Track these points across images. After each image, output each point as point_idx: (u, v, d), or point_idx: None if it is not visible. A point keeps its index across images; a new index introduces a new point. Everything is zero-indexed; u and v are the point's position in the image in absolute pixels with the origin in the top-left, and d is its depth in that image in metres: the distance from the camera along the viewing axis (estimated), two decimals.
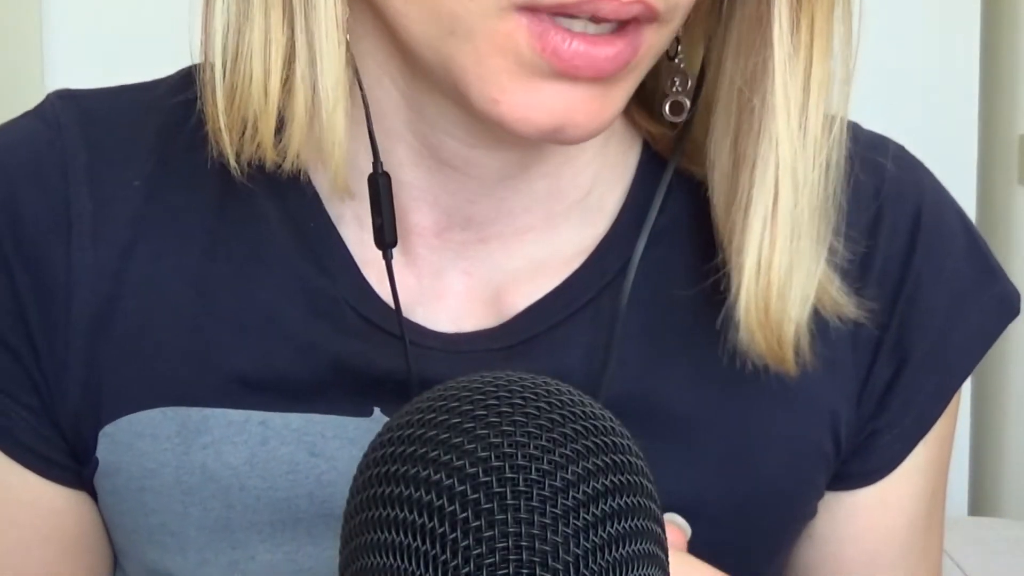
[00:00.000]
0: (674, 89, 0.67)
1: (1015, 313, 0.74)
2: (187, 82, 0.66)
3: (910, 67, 2.02)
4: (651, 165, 0.70)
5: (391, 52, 0.63)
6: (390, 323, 0.66)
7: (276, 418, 0.65)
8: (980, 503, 2.19)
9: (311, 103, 0.61)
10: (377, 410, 0.64)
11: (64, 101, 0.69)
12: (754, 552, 0.70)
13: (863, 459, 0.72)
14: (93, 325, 0.66)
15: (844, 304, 0.67)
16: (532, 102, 0.57)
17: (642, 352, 0.66)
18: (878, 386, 0.71)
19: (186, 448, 0.65)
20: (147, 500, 0.66)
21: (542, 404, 0.46)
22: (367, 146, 0.64)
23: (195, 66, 0.64)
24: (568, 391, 0.48)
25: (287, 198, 0.67)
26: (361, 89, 0.63)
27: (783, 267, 0.63)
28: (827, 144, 0.63)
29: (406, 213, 0.66)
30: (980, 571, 1.63)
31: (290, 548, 0.66)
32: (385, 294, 0.66)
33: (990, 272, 0.74)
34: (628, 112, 0.70)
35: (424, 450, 0.45)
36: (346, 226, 0.67)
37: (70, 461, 0.68)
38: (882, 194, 0.71)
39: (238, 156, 0.63)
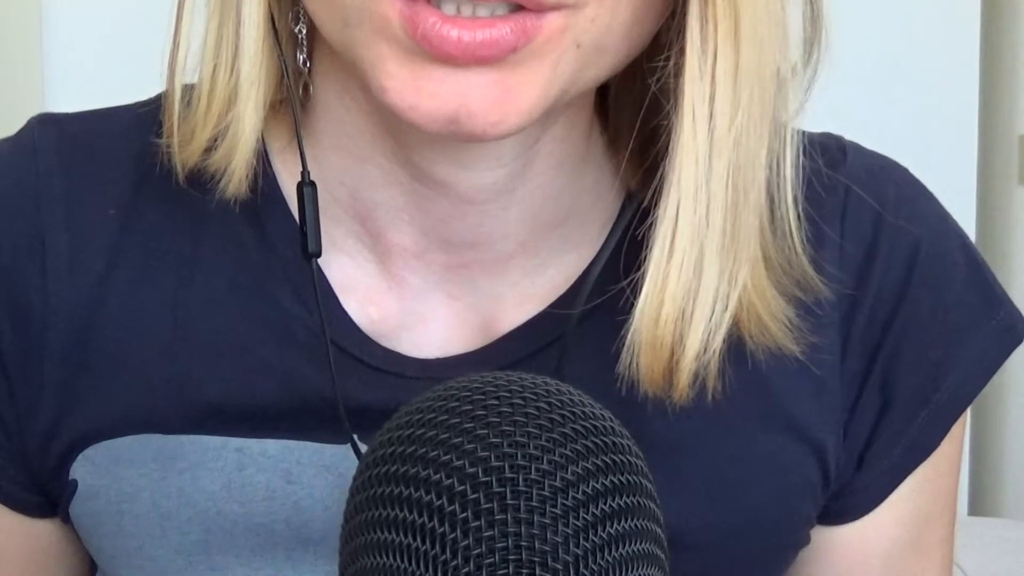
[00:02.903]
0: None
1: (1017, 342, 0.72)
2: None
3: (910, 67, 2.02)
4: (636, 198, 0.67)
5: (350, 71, 0.61)
6: (368, 354, 0.65)
7: (253, 445, 0.65)
8: (980, 503, 2.19)
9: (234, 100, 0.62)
10: (355, 437, 0.63)
11: (44, 126, 0.69)
12: None
13: (852, 496, 0.70)
14: (69, 354, 0.65)
15: (779, 336, 0.64)
16: (417, 87, 0.54)
17: None
18: (866, 419, 0.69)
19: (163, 473, 0.65)
20: (125, 524, 0.66)
21: (542, 404, 0.46)
22: (336, 167, 0.64)
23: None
24: (568, 391, 0.48)
25: (265, 225, 0.66)
26: (292, 101, 0.63)
27: (681, 286, 0.59)
28: (734, 152, 0.58)
29: (384, 233, 0.65)
30: (980, 571, 1.63)
31: (269, 572, 0.65)
32: (364, 322, 0.66)
33: (992, 302, 0.71)
34: (614, 147, 0.68)
35: (424, 450, 0.45)
36: (324, 252, 0.65)
37: (30, 494, 0.69)
38: (880, 223, 0.68)
39: (188, 168, 0.63)
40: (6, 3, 1.89)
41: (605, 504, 0.45)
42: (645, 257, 0.60)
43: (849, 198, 0.68)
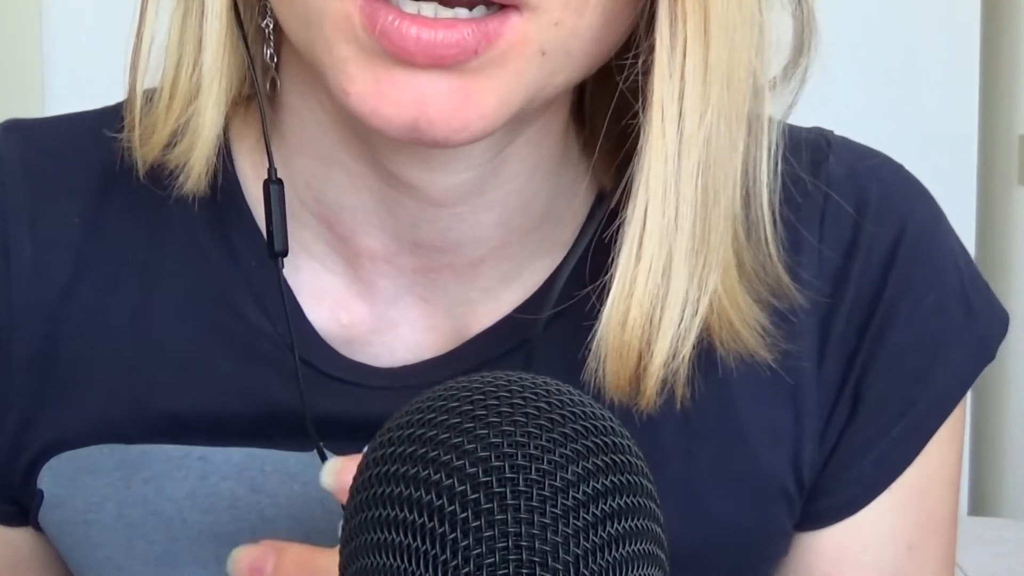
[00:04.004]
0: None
1: (989, 358, 0.70)
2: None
3: (910, 67, 2.02)
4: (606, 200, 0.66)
5: (314, 72, 0.60)
6: (332, 366, 0.65)
7: (216, 453, 0.65)
8: (980, 503, 2.19)
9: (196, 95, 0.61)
10: (320, 444, 0.63)
11: (9, 134, 0.69)
12: None
13: (817, 500, 0.68)
14: (35, 364, 0.65)
15: (751, 342, 0.62)
16: (379, 92, 0.54)
17: None
18: (838, 424, 0.67)
19: (127, 483, 0.65)
20: (92, 534, 0.66)
21: (542, 404, 0.46)
22: (303, 169, 0.64)
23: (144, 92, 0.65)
24: (568, 391, 0.48)
25: (228, 233, 0.66)
26: (260, 97, 0.62)
27: (649, 291, 0.58)
28: (703, 150, 0.57)
29: (353, 237, 0.65)
30: (980, 571, 1.63)
31: None
32: (334, 328, 0.65)
33: (973, 312, 0.69)
34: (589, 148, 0.66)
35: (424, 450, 0.45)
36: (292, 257, 0.65)
37: (6, 504, 0.69)
38: (859, 225, 0.67)
39: (149, 164, 0.63)
40: (6, 3, 1.88)
41: (605, 504, 0.45)
42: (613, 260, 0.59)
43: (828, 201, 0.67)
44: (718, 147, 0.57)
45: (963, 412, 0.70)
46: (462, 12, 0.54)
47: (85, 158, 0.67)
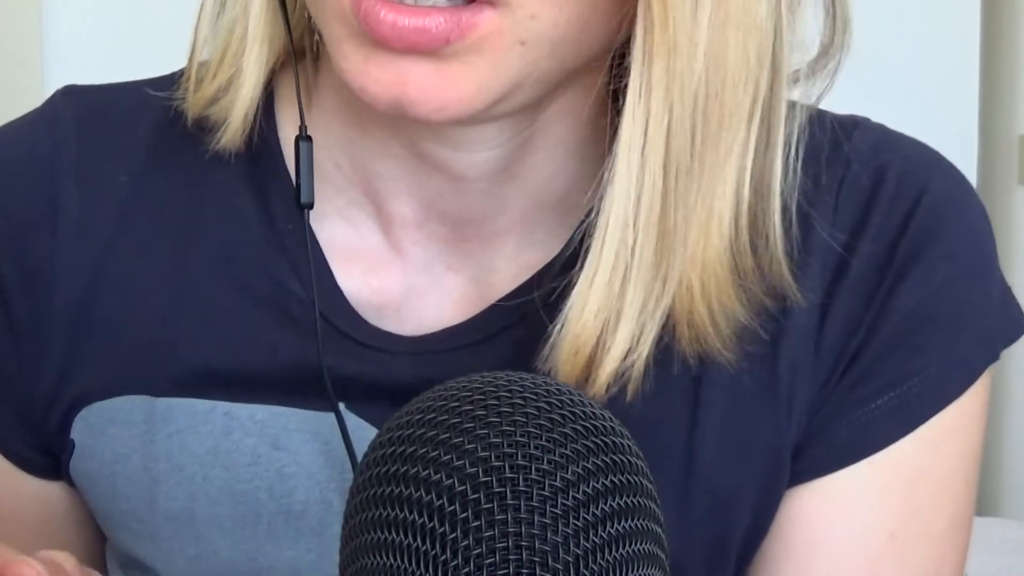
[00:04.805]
0: None
1: (993, 357, 0.67)
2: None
3: (910, 67, 2.02)
4: None
5: None
6: (358, 330, 0.66)
7: (241, 409, 0.66)
8: (980, 503, 2.18)
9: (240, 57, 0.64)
10: (342, 405, 0.64)
11: (67, 98, 0.71)
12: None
13: (794, 460, 0.66)
14: (74, 316, 0.67)
15: (715, 343, 0.62)
16: (366, 71, 0.57)
17: None
18: (830, 389, 0.66)
19: (152, 436, 0.66)
20: (118, 485, 0.68)
21: (542, 404, 0.46)
22: (338, 134, 0.66)
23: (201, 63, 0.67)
24: (568, 391, 0.48)
25: (268, 195, 0.67)
26: (293, 63, 0.65)
27: (608, 289, 0.59)
28: (666, 154, 0.57)
29: (386, 203, 0.67)
30: (980, 571, 1.63)
31: (250, 546, 0.66)
32: (365, 293, 0.67)
33: (987, 300, 0.67)
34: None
35: (424, 450, 0.45)
36: (327, 220, 0.67)
37: (37, 454, 0.70)
38: (878, 191, 0.66)
39: (194, 116, 0.66)
40: (6, 3, 1.89)
41: (605, 504, 0.45)
42: (580, 258, 0.60)
43: (847, 174, 0.66)
44: (683, 153, 0.58)
45: (977, 416, 0.67)
46: (440, 1, 0.55)
47: (136, 120, 0.70)
